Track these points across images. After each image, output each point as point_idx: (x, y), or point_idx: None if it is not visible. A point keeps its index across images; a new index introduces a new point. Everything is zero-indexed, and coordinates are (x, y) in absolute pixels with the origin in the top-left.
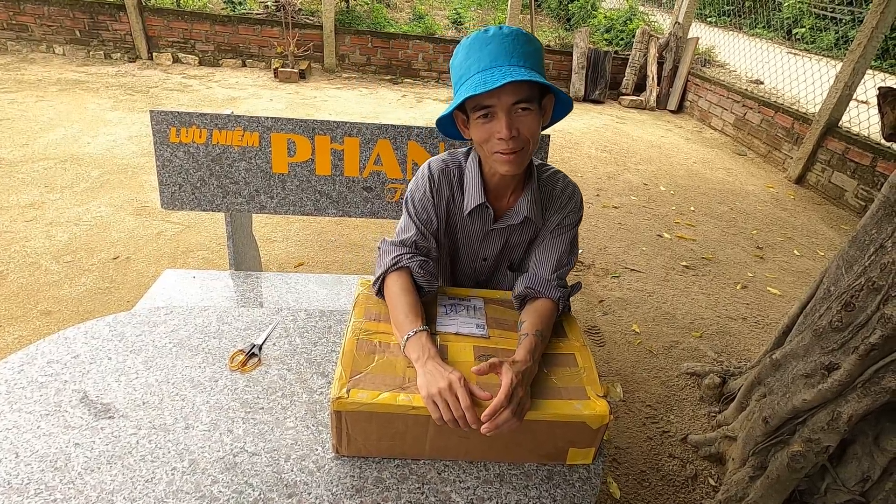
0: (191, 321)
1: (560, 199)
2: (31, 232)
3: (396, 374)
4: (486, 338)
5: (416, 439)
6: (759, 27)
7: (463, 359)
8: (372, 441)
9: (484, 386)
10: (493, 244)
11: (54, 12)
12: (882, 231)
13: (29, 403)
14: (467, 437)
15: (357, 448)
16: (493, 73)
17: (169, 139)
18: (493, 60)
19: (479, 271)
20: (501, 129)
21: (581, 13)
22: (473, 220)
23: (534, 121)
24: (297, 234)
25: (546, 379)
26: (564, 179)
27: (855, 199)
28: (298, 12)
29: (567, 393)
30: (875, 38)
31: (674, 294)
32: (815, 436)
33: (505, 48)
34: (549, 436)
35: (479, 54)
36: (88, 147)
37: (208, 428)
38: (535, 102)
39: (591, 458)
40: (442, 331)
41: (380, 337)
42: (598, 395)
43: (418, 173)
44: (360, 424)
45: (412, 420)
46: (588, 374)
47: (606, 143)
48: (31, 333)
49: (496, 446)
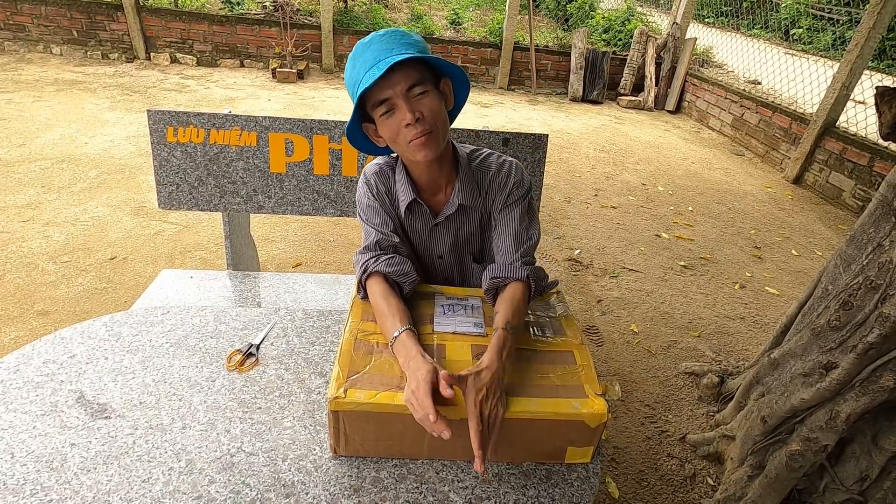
0: (188, 321)
1: (497, 179)
2: (27, 232)
3: (394, 374)
4: (484, 336)
5: (414, 439)
6: (756, 28)
7: (460, 358)
8: (370, 441)
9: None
10: (441, 240)
11: (51, 12)
12: (880, 230)
13: (25, 403)
14: (464, 436)
15: (355, 448)
16: (379, 65)
17: (166, 139)
18: (376, 56)
19: (440, 270)
20: (405, 115)
21: (579, 14)
22: (415, 219)
23: (434, 101)
24: (296, 234)
25: (544, 377)
26: (499, 159)
27: (852, 198)
28: (296, 12)
29: (565, 391)
30: (872, 39)
31: (672, 294)
32: (813, 435)
33: (385, 44)
34: (547, 435)
35: (363, 57)
36: (86, 147)
37: (205, 428)
38: (430, 84)
39: (589, 457)
40: (440, 330)
41: (377, 338)
42: (597, 394)
43: (359, 181)
44: (358, 424)
45: (410, 420)
46: (586, 373)
47: (604, 144)
48: (27, 334)
49: (494, 445)
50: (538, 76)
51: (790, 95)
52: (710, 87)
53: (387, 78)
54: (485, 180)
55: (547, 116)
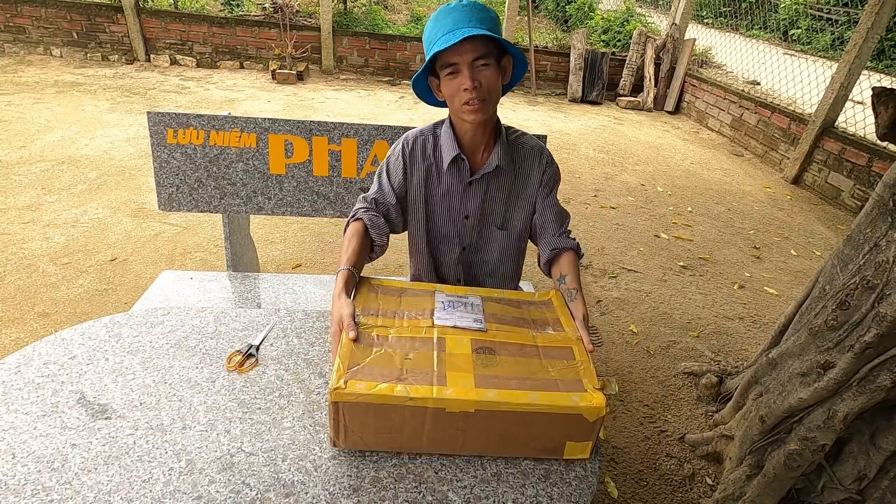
0: (188, 322)
1: (531, 155)
2: (28, 234)
3: (394, 366)
4: (484, 331)
5: (413, 431)
6: (755, 28)
7: (460, 351)
8: (369, 433)
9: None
10: (472, 198)
11: (51, 14)
12: (876, 230)
13: (26, 404)
14: (464, 429)
15: (354, 441)
16: (455, 33)
17: (166, 140)
18: (455, 24)
19: (463, 233)
20: (465, 81)
21: (578, 15)
22: (452, 175)
23: (493, 74)
24: (295, 235)
25: (543, 371)
26: (532, 140)
27: (851, 198)
28: (296, 14)
29: (564, 385)
30: (870, 39)
31: (671, 294)
32: (811, 434)
33: (464, 15)
34: (546, 428)
35: (443, 21)
36: (86, 149)
37: (205, 428)
38: (493, 59)
39: (588, 452)
40: (440, 324)
41: (378, 330)
42: (595, 388)
43: (397, 142)
44: (358, 416)
45: (409, 412)
46: (585, 368)
47: (604, 144)
48: (28, 335)
49: (493, 439)
50: (537, 77)
51: (789, 96)
52: (709, 88)
53: (459, 45)
54: (518, 152)
55: (546, 117)
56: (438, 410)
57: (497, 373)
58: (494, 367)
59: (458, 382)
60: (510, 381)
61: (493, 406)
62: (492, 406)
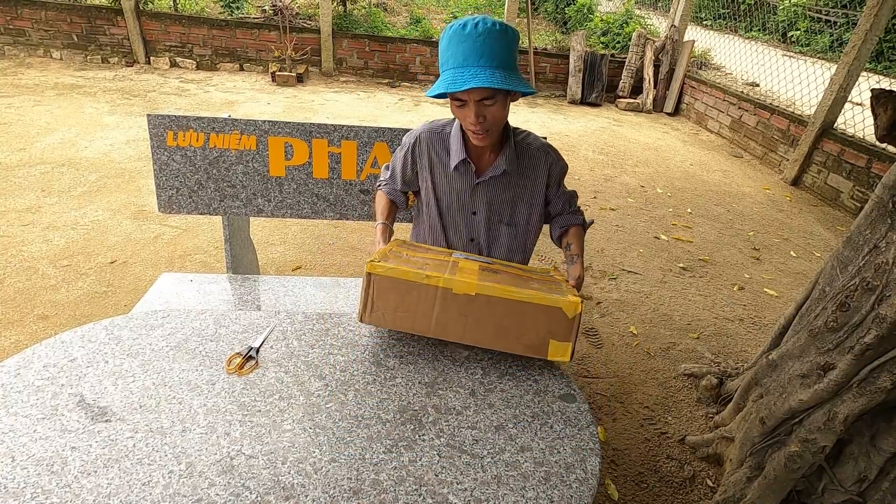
0: (188, 324)
1: (537, 155)
2: (27, 236)
3: (420, 263)
4: (490, 263)
5: (424, 314)
6: (754, 30)
7: (470, 268)
8: (390, 310)
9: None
10: (479, 199)
11: (52, 17)
12: (876, 231)
13: (26, 407)
14: (466, 314)
15: (378, 318)
16: (464, 72)
17: (166, 143)
18: (465, 59)
19: (472, 228)
20: (471, 115)
21: (577, 17)
22: (460, 176)
23: (499, 109)
24: (295, 237)
25: (530, 283)
26: (536, 140)
27: (851, 200)
28: (296, 16)
29: (546, 290)
30: (869, 41)
31: (671, 296)
32: (811, 436)
33: (477, 48)
34: (532, 321)
35: (455, 49)
36: (86, 151)
37: (205, 431)
38: (501, 94)
39: (568, 354)
40: (456, 257)
41: (407, 252)
42: (574, 295)
43: (413, 130)
44: (384, 291)
45: (424, 291)
46: (567, 287)
47: (603, 146)
48: (27, 338)
49: (489, 331)
50: (537, 79)
51: (788, 97)
52: (709, 90)
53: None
54: (524, 155)
55: (546, 119)
56: (447, 291)
57: (497, 280)
58: (496, 276)
59: (465, 275)
60: (506, 281)
61: (490, 292)
62: (490, 292)
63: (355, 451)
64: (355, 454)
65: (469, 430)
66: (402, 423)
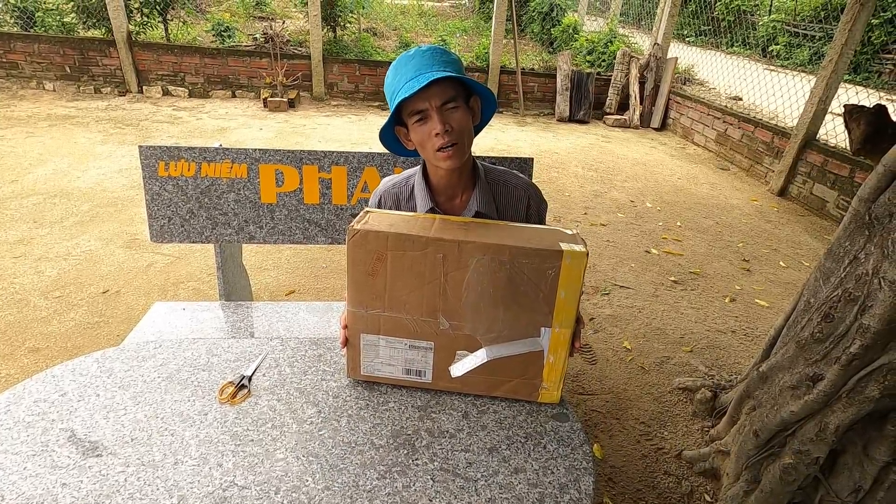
0: (180, 354)
1: (516, 193)
2: (19, 268)
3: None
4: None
5: (422, 228)
6: (736, 45)
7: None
8: (383, 226)
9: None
10: None
11: (44, 49)
12: (855, 243)
13: (15, 444)
14: (466, 228)
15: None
16: (419, 78)
17: (158, 173)
18: (418, 70)
19: None
20: (436, 125)
21: (563, 37)
22: None
23: (463, 116)
24: (288, 261)
25: None
26: (514, 178)
27: (836, 209)
28: (287, 43)
29: None
30: (845, 54)
31: (663, 309)
32: (804, 447)
33: (426, 60)
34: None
35: (405, 69)
36: (78, 181)
37: (197, 462)
38: (462, 100)
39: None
40: None
41: None
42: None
43: (374, 191)
44: (378, 215)
45: (421, 219)
46: None
47: (592, 162)
48: (18, 371)
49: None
50: (525, 98)
51: (771, 110)
52: (693, 104)
53: (424, 91)
54: (501, 193)
55: (535, 137)
56: (445, 219)
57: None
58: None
59: None
60: None
61: (486, 222)
62: (485, 222)
63: (349, 478)
64: (349, 481)
65: (463, 453)
66: (396, 447)
